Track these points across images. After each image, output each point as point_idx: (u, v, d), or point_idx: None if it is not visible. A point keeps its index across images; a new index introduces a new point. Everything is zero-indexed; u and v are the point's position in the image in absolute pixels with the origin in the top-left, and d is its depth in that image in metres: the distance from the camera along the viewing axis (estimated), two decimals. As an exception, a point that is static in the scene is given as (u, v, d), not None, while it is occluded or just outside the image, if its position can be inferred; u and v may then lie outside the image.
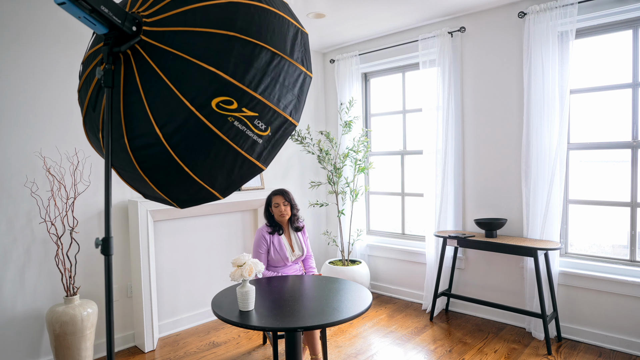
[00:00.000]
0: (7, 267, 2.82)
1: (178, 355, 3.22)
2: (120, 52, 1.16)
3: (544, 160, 3.29)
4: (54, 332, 2.74)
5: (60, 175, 3.02)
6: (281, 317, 2.12)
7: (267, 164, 1.27)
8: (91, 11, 1.04)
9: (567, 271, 3.33)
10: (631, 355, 3.07)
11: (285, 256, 3.06)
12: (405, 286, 4.40)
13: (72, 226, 3.07)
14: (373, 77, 4.75)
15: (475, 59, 3.76)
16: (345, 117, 4.58)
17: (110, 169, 1.14)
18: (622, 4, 3.03)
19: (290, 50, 1.24)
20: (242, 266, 2.26)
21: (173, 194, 1.27)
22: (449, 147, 3.83)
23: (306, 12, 3.64)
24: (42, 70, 2.95)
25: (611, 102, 3.25)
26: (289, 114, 1.24)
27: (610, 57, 3.24)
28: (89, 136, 1.37)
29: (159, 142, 1.15)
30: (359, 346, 3.32)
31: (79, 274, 3.12)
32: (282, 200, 3.09)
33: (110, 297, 1.12)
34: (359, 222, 4.63)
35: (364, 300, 2.33)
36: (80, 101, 1.34)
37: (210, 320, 3.91)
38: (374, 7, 3.57)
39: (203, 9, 1.16)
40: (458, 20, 3.83)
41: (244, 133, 1.17)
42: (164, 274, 3.60)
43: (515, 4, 3.50)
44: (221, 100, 1.12)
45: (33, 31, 2.91)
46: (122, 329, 3.38)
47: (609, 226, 3.31)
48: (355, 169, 4.38)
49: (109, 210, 1.14)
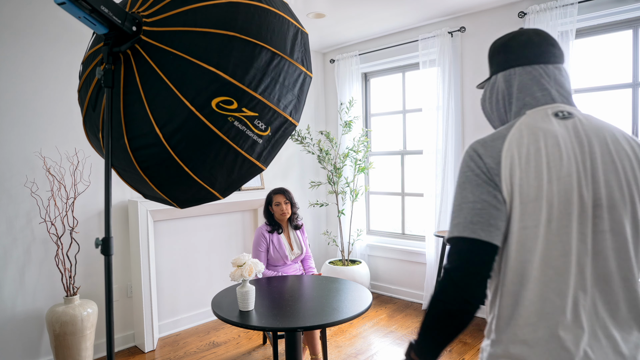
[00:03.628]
0: (7, 267, 2.82)
1: (178, 355, 3.22)
2: (120, 52, 1.16)
3: (544, 160, 3.29)
4: (54, 332, 2.74)
5: (60, 175, 3.02)
6: (281, 317, 2.12)
7: (267, 164, 1.27)
8: (91, 11, 1.03)
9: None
10: (631, 355, 3.07)
11: (285, 255, 3.06)
12: (405, 286, 4.40)
13: (72, 226, 3.07)
14: (373, 77, 4.75)
15: (475, 59, 3.76)
16: (345, 117, 4.58)
17: (110, 169, 1.14)
18: (622, 4, 3.02)
19: (290, 50, 1.24)
20: (242, 266, 2.26)
21: (173, 194, 1.27)
22: (449, 147, 3.83)
23: (306, 12, 3.64)
24: (43, 70, 2.95)
25: (611, 102, 3.25)
26: (289, 114, 1.24)
27: (610, 57, 3.24)
28: (89, 136, 1.37)
29: (159, 142, 1.14)
30: (359, 346, 3.32)
31: (79, 274, 3.12)
32: (283, 199, 3.09)
33: (110, 297, 1.12)
34: (359, 222, 4.63)
35: (364, 300, 2.33)
36: (80, 101, 1.34)
37: (210, 320, 3.91)
38: (374, 7, 3.57)
39: (203, 9, 1.16)
40: (458, 20, 3.83)
41: (244, 133, 1.17)
42: (164, 274, 3.60)
43: (515, 4, 3.50)
44: (221, 100, 1.12)
45: (33, 31, 2.91)
46: (122, 329, 3.38)
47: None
48: (355, 169, 4.38)
49: (109, 210, 1.14)
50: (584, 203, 0.90)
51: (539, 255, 0.89)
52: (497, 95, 1.08)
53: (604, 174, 0.91)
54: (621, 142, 0.95)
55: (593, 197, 0.91)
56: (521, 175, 0.91)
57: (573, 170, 0.90)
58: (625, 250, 0.90)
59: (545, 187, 0.89)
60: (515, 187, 0.91)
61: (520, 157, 0.92)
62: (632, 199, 0.91)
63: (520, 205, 0.90)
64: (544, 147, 0.92)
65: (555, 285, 0.88)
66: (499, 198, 0.92)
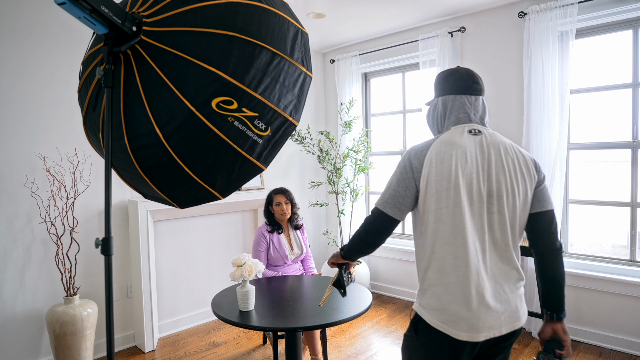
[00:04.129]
0: (7, 267, 2.82)
1: (178, 355, 3.22)
2: (120, 52, 1.16)
3: (544, 160, 3.29)
4: (54, 332, 2.74)
5: (60, 175, 3.02)
6: (281, 317, 2.12)
7: (267, 164, 1.27)
8: (91, 11, 1.03)
9: (567, 271, 3.33)
10: (631, 355, 3.07)
11: (285, 254, 3.06)
12: (405, 286, 4.40)
13: (72, 226, 3.07)
14: (373, 77, 4.75)
15: (475, 59, 3.76)
16: (345, 117, 4.58)
17: (110, 169, 1.14)
18: (622, 4, 3.02)
19: (291, 50, 1.24)
20: (242, 266, 2.26)
21: (173, 194, 1.27)
22: (449, 147, 3.83)
23: (306, 12, 3.64)
24: (43, 70, 2.95)
25: (611, 102, 3.25)
26: (289, 114, 1.24)
27: (610, 57, 3.24)
28: (89, 136, 1.37)
29: (159, 142, 1.14)
30: (359, 346, 3.32)
31: (79, 274, 3.12)
32: (283, 199, 3.09)
33: (110, 297, 1.12)
34: (359, 222, 4.63)
35: (364, 300, 2.33)
36: (81, 101, 1.34)
37: (210, 320, 3.91)
38: (374, 7, 3.57)
39: (203, 9, 1.16)
40: (458, 20, 3.83)
41: (244, 133, 1.17)
42: (164, 274, 3.60)
43: (515, 4, 3.50)
44: (221, 101, 1.12)
45: (33, 32, 2.91)
46: (122, 329, 3.38)
47: (609, 226, 3.31)
48: (355, 169, 4.38)
49: (109, 210, 1.14)
50: (481, 193, 1.35)
51: (449, 226, 1.34)
52: (436, 113, 1.51)
53: (496, 174, 1.37)
54: (509, 152, 1.40)
55: (487, 189, 1.36)
56: (436, 173, 1.35)
57: (474, 170, 1.35)
58: (505, 225, 1.38)
59: (453, 181, 1.34)
60: (432, 181, 1.35)
61: (437, 161, 1.36)
62: (512, 191, 1.38)
63: (436, 193, 1.35)
64: (455, 154, 1.36)
65: (460, 247, 1.33)
66: (411, 190, 1.40)
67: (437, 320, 1.34)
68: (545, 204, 1.44)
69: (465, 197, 1.33)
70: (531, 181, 1.41)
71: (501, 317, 1.34)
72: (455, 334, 1.31)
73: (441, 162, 1.34)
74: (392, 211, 1.41)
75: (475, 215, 1.35)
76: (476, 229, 1.34)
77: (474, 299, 1.31)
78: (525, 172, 1.40)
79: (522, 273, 1.45)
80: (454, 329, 1.31)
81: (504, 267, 1.38)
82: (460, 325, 1.31)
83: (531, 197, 1.42)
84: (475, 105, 1.46)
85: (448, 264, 1.33)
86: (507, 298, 1.36)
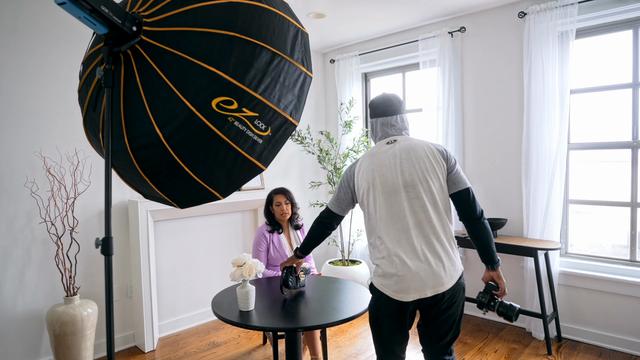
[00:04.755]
0: (7, 267, 2.82)
1: (178, 355, 3.22)
2: (120, 52, 1.16)
3: (544, 160, 3.29)
4: (54, 332, 2.74)
5: (60, 175, 3.02)
6: (281, 317, 2.12)
7: (268, 164, 1.27)
8: (91, 11, 1.03)
9: (567, 271, 3.33)
10: (631, 355, 3.07)
11: (285, 254, 3.06)
12: (405, 286, 4.39)
13: (72, 226, 3.07)
14: (373, 77, 4.75)
15: (475, 59, 3.76)
16: (345, 117, 4.58)
17: (110, 169, 1.14)
18: (622, 4, 3.03)
19: (291, 50, 1.24)
20: (242, 266, 2.26)
21: (173, 194, 1.27)
22: (449, 147, 3.83)
23: (306, 12, 3.64)
24: (43, 70, 2.95)
25: (611, 102, 3.25)
26: (289, 114, 1.24)
27: (610, 57, 3.24)
28: (89, 136, 1.37)
29: (159, 142, 1.15)
30: (359, 346, 3.32)
31: (79, 274, 3.12)
32: (283, 199, 3.09)
33: (110, 297, 1.12)
34: (359, 222, 4.63)
35: (364, 300, 2.33)
36: (81, 101, 1.34)
37: (210, 320, 3.91)
38: (374, 7, 3.57)
39: (203, 9, 1.16)
40: (458, 20, 3.83)
41: (244, 133, 1.17)
42: (164, 274, 3.60)
43: (515, 4, 3.50)
44: (221, 101, 1.12)
45: (34, 32, 2.91)
46: (122, 329, 3.38)
47: (609, 226, 3.31)
48: (355, 169, 4.37)
49: (109, 210, 1.14)
50: (398, 185, 1.79)
51: (377, 213, 1.82)
52: (372, 131, 2.02)
53: (408, 169, 1.79)
54: (417, 150, 1.82)
55: (403, 181, 1.79)
56: (361, 178, 1.88)
57: (387, 170, 1.82)
58: (425, 207, 1.77)
59: (372, 182, 1.84)
60: (362, 184, 1.87)
61: (362, 170, 1.88)
62: (425, 179, 1.78)
63: (367, 193, 1.85)
64: (372, 162, 1.86)
65: (392, 229, 1.78)
66: (348, 193, 1.96)
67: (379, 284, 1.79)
68: (459, 185, 1.81)
69: (382, 191, 1.80)
70: (441, 168, 1.80)
71: (425, 282, 1.70)
72: (391, 295, 1.74)
73: (365, 170, 1.87)
74: (337, 209, 2.01)
75: (394, 203, 1.78)
76: (398, 213, 1.77)
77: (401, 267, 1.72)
78: (434, 162, 1.80)
79: (450, 245, 1.79)
80: (389, 290, 1.75)
81: (428, 240, 1.75)
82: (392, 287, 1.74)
83: (445, 181, 1.81)
84: (392, 123, 1.93)
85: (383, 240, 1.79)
86: (430, 266, 1.72)
